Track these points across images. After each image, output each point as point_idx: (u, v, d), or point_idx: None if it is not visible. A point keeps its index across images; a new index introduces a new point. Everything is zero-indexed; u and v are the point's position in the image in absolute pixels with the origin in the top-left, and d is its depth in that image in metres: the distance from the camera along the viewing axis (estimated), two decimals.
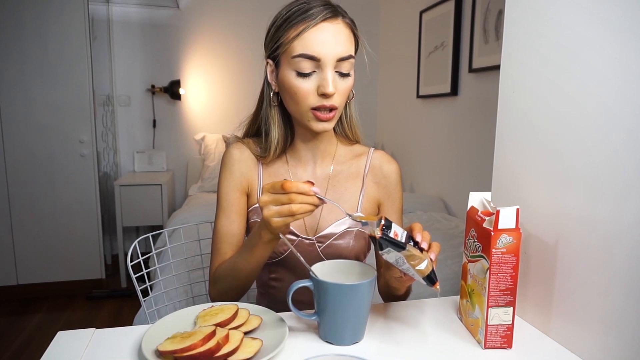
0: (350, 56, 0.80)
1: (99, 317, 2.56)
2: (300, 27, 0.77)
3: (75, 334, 0.71)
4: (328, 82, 0.78)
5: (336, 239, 0.90)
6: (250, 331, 0.70)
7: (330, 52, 0.78)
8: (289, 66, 0.80)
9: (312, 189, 0.67)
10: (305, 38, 0.77)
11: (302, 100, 0.80)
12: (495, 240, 0.65)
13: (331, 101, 0.80)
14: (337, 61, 0.79)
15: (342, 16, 0.81)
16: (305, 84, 0.79)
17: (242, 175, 0.92)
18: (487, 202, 0.74)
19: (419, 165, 3.13)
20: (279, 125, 0.89)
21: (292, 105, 0.83)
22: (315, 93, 0.79)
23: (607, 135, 0.62)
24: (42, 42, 2.61)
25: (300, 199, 0.67)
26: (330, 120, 0.82)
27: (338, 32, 0.79)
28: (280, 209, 0.68)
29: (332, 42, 0.78)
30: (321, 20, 0.77)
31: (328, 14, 0.78)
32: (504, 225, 0.65)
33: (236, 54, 3.42)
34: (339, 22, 0.80)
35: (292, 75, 0.79)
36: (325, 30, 0.78)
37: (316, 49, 0.77)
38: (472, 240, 0.72)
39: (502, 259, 0.66)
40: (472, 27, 2.43)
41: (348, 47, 0.80)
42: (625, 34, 0.60)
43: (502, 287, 0.67)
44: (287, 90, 0.81)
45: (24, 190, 2.69)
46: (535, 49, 0.76)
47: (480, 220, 0.69)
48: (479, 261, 0.69)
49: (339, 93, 0.81)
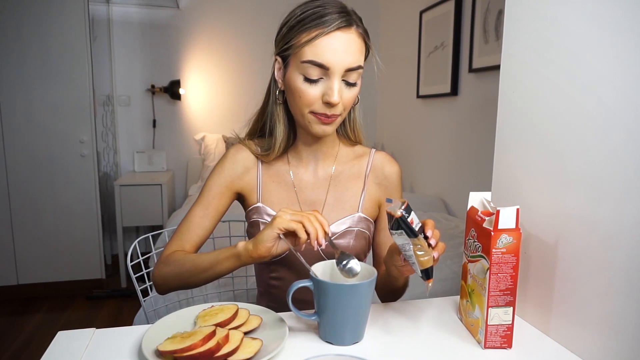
0: (359, 67, 0.80)
1: (99, 317, 2.56)
2: (313, 33, 0.77)
3: (75, 334, 0.71)
4: (334, 91, 0.78)
5: (336, 239, 0.90)
6: (250, 331, 0.70)
7: (339, 62, 0.77)
8: (298, 69, 0.80)
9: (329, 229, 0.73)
10: (317, 45, 0.77)
11: (306, 105, 0.81)
12: (496, 240, 0.65)
13: (334, 110, 0.81)
14: (345, 71, 0.79)
15: (356, 25, 0.80)
16: (311, 90, 0.79)
17: (234, 175, 0.92)
18: (487, 202, 0.74)
19: (419, 165, 3.13)
20: (284, 123, 0.89)
21: (295, 106, 0.83)
22: (320, 100, 0.80)
23: (607, 135, 0.62)
24: (42, 42, 2.61)
25: (316, 225, 0.72)
26: (331, 124, 0.83)
27: (350, 42, 0.78)
28: (298, 214, 0.72)
29: (342, 52, 0.78)
30: (335, 29, 0.77)
31: (342, 23, 0.77)
32: (504, 225, 0.65)
33: (236, 54, 3.42)
34: (352, 32, 0.79)
35: (299, 79, 0.80)
36: (338, 39, 0.77)
37: (326, 57, 0.77)
38: (472, 240, 0.72)
39: (502, 259, 0.66)
40: (472, 27, 2.43)
41: (358, 58, 0.80)
42: (625, 33, 0.60)
43: (502, 287, 0.67)
44: (293, 92, 0.82)
45: (24, 190, 2.69)
46: (535, 49, 0.76)
47: (480, 220, 0.69)
48: (479, 261, 0.69)
49: (343, 102, 0.81)
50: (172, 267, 0.85)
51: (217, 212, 0.92)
